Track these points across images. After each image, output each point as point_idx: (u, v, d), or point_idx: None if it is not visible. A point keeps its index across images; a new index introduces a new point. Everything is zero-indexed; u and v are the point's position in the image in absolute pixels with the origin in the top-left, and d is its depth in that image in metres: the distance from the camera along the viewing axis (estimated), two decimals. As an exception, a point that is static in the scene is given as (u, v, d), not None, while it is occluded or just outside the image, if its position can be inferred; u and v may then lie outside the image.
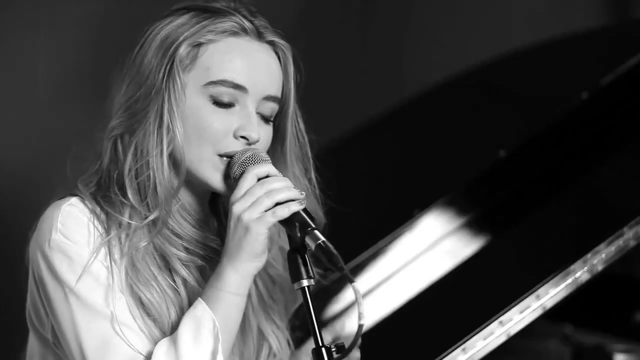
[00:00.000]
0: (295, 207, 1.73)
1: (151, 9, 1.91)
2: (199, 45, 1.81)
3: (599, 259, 2.20)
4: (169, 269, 1.84)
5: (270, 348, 1.96)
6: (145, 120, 1.81)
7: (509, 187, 2.63)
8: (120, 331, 1.76)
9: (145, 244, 1.81)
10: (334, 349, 1.69)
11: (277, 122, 1.88)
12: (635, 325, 2.97)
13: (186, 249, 1.85)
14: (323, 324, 2.04)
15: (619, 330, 2.95)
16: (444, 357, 2.08)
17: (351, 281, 1.63)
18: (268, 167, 1.78)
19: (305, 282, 1.72)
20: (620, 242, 2.22)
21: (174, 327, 1.80)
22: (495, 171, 2.66)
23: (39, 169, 3.24)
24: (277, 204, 1.73)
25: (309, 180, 1.94)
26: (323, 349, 1.68)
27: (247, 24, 1.84)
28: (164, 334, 1.79)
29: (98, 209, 1.83)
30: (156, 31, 1.85)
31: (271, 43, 1.86)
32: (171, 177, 1.82)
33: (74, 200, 1.84)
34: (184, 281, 1.84)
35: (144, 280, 1.80)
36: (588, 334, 2.94)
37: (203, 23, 1.83)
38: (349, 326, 1.93)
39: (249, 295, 1.92)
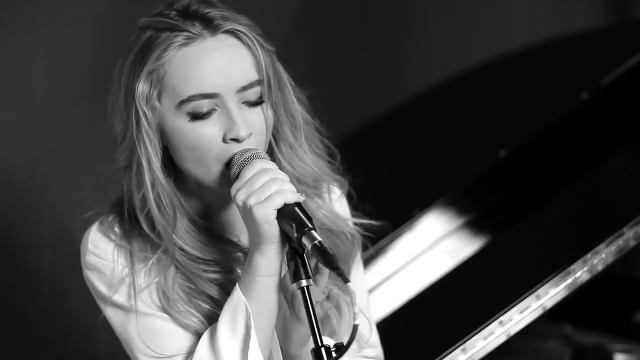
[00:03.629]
0: (302, 197, 1.74)
1: (151, 9, 1.90)
2: (157, 70, 1.79)
3: (599, 259, 2.20)
4: (202, 291, 1.86)
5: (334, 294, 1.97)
6: (134, 155, 1.82)
7: (509, 187, 2.63)
8: (165, 328, 1.82)
9: (163, 273, 1.84)
10: (333, 349, 1.68)
11: (270, 100, 1.85)
12: (635, 325, 2.97)
13: (212, 271, 1.87)
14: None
15: (619, 330, 2.95)
16: (444, 357, 2.08)
17: (346, 281, 1.63)
18: (272, 164, 1.79)
19: (304, 282, 1.72)
20: (620, 242, 2.22)
21: None
22: (495, 171, 2.66)
23: (39, 169, 3.24)
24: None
25: (309, 144, 1.92)
26: (322, 349, 1.68)
27: (194, 29, 1.79)
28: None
29: (125, 242, 1.87)
30: (124, 63, 1.83)
31: (227, 32, 1.81)
32: (167, 207, 1.83)
33: (103, 219, 1.89)
34: (218, 300, 1.86)
35: (179, 309, 1.83)
36: (588, 334, 2.94)
37: (154, 45, 1.80)
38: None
39: None
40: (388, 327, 2.31)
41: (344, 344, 1.65)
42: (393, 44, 4.10)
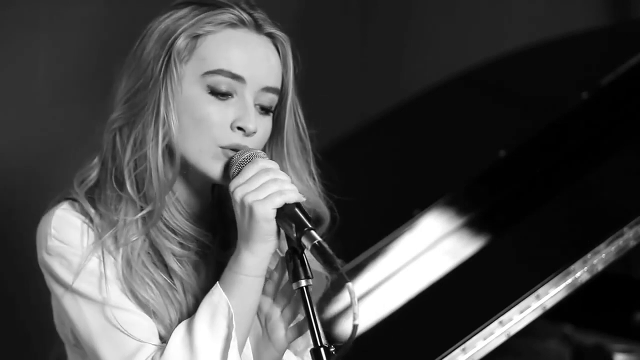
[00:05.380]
0: (303, 198, 1.74)
1: (151, 9, 1.91)
2: (197, 36, 1.82)
3: (599, 259, 2.20)
4: (164, 264, 1.85)
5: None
6: (143, 111, 1.82)
7: (509, 187, 2.63)
8: (129, 319, 1.78)
9: (140, 237, 1.82)
10: (332, 349, 1.68)
11: (276, 113, 1.88)
12: (635, 325, 2.97)
13: (180, 244, 1.86)
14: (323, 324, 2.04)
15: (619, 330, 2.95)
16: (444, 357, 2.08)
17: (346, 281, 1.63)
18: (274, 164, 1.79)
19: (303, 282, 1.72)
20: (620, 242, 2.22)
21: (173, 323, 1.81)
22: (495, 171, 2.66)
23: (39, 169, 3.24)
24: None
25: (310, 172, 1.94)
26: (322, 349, 1.68)
27: (245, 16, 1.84)
28: (167, 330, 1.80)
29: (92, 210, 1.84)
30: (156, 24, 1.86)
31: (269, 35, 1.87)
32: (167, 170, 1.83)
33: (66, 204, 1.86)
34: (179, 277, 1.84)
35: (140, 280, 1.81)
36: (588, 334, 2.94)
37: (201, 15, 1.83)
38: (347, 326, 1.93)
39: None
40: (388, 328, 2.32)
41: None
42: (392, 44, 4.11)
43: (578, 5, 4.30)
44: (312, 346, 1.70)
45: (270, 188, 1.73)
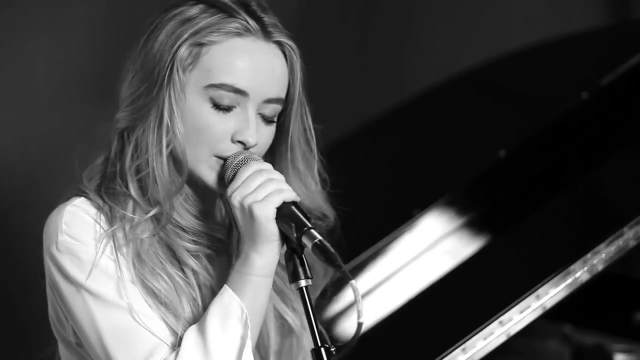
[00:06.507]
0: (298, 197, 1.74)
1: (152, 10, 1.91)
2: (201, 45, 1.80)
3: (599, 259, 2.20)
4: (176, 259, 1.84)
5: (290, 325, 1.97)
6: (146, 117, 1.81)
7: (509, 187, 2.63)
8: (141, 320, 1.76)
9: (148, 235, 1.81)
10: (333, 349, 1.68)
11: (281, 120, 1.88)
12: (635, 325, 2.97)
13: (193, 241, 1.85)
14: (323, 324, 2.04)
15: (619, 330, 2.95)
16: (444, 357, 2.08)
17: (349, 279, 1.63)
18: (268, 165, 1.79)
19: (303, 283, 1.72)
20: (620, 242, 2.22)
21: (188, 316, 1.81)
22: (495, 171, 2.66)
23: (40, 170, 3.24)
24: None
25: (313, 175, 1.93)
26: (322, 349, 1.68)
27: (252, 23, 1.82)
28: (179, 321, 1.80)
29: (101, 202, 1.83)
30: (162, 24, 1.83)
31: (278, 43, 1.85)
32: (171, 175, 1.82)
33: (78, 201, 1.84)
34: (193, 271, 1.84)
35: (151, 271, 1.80)
36: (588, 334, 2.94)
37: (208, 21, 1.81)
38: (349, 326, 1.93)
39: None
40: (388, 328, 2.32)
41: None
42: (393, 44, 4.11)
43: (578, 5, 4.30)
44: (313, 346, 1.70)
45: (268, 188, 1.73)
